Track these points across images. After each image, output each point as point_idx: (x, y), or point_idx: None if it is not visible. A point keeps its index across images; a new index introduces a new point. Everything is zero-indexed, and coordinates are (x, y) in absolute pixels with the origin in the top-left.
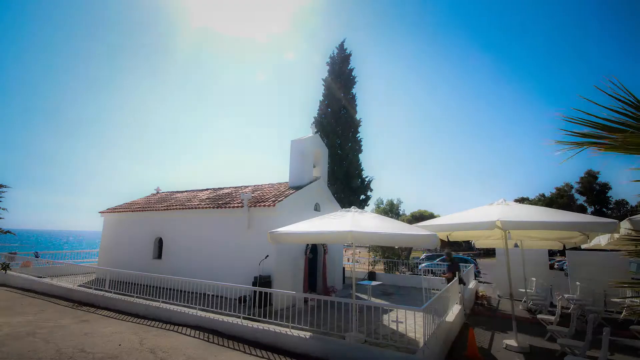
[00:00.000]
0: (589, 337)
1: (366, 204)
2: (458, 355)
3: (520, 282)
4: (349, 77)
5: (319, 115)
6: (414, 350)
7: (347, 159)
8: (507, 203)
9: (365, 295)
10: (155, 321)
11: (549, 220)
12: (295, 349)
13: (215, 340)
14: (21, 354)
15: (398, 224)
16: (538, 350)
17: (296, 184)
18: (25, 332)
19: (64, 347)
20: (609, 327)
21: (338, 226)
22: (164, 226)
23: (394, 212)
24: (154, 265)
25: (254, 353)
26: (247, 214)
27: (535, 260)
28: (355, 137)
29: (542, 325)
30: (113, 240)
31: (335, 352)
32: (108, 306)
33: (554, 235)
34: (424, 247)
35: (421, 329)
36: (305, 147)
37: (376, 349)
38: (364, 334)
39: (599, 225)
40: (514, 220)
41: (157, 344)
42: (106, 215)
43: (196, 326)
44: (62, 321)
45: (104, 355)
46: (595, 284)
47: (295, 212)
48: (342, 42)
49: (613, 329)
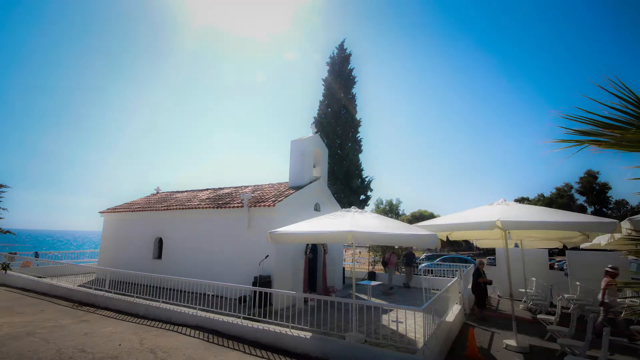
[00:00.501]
0: (589, 337)
1: (366, 204)
2: (458, 355)
3: (520, 282)
4: (349, 77)
5: (319, 115)
6: (414, 351)
7: (347, 159)
8: (507, 203)
9: (365, 295)
10: (155, 321)
11: (549, 220)
12: (295, 349)
13: (215, 340)
14: (21, 354)
15: (398, 224)
16: (538, 350)
17: (296, 184)
18: (25, 332)
19: (64, 347)
20: (609, 327)
21: (338, 226)
22: (164, 226)
23: (393, 212)
24: (154, 265)
25: (254, 353)
26: (247, 214)
27: (535, 260)
28: (355, 137)
29: (542, 325)
30: (113, 240)
31: (335, 352)
32: (108, 306)
33: (554, 235)
34: (424, 247)
35: (421, 329)
36: (305, 147)
37: (376, 349)
38: (364, 334)
39: (599, 225)
40: (514, 220)
41: (157, 344)
42: (106, 215)
43: (196, 326)
44: (62, 321)
45: (104, 355)
46: (595, 284)
47: (295, 212)
48: (342, 42)
49: (613, 329)
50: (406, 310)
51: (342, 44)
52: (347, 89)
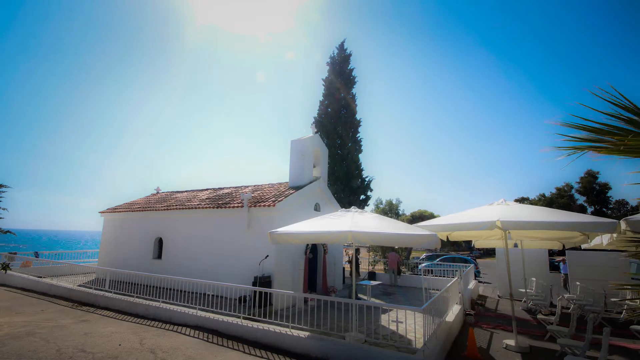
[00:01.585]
0: (589, 337)
1: (366, 204)
2: (458, 355)
3: (520, 282)
4: (349, 77)
5: (319, 115)
6: (414, 350)
7: (347, 159)
8: (507, 203)
9: (365, 295)
10: (155, 321)
11: (549, 220)
12: (295, 349)
13: (215, 340)
14: (21, 354)
15: (398, 224)
16: (538, 350)
17: (296, 184)
18: (25, 332)
19: (64, 347)
20: (609, 327)
21: (338, 226)
22: (164, 226)
23: (393, 212)
24: (154, 265)
25: (254, 353)
26: (247, 214)
27: (535, 260)
28: (355, 137)
29: (542, 325)
30: (113, 240)
31: (335, 352)
32: (108, 306)
33: (554, 235)
34: (424, 247)
35: (421, 329)
36: (305, 147)
37: (376, 349)
38: (364, 334)
39: (599, 225)
40: (514, 220)
41: (157, 343)
42: (106, 215)
43: (196, 326)
44: (62, 321)
45: (104, 355)
46: (595, 284)
47: (295, 212)
48: (342, 42)
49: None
50: (406, 310)
51: (343, 43)
52: (347, 88)
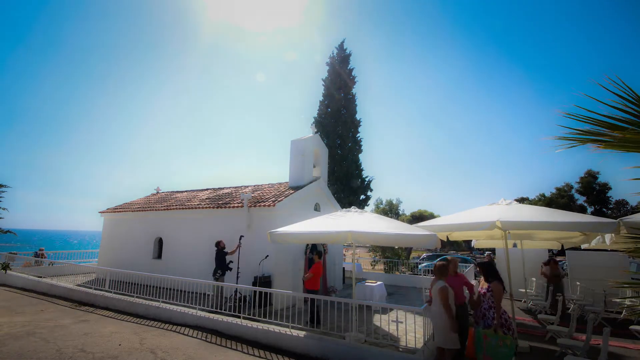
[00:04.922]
0: (589, 337)
1: (366, 204)
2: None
3: (520, 282)
4: (349, 77)
5: (319, 115)
6: (414, 351)
7: (347, 159)
8: (507, 203)
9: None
10: (155, 321)
11: (549, 220)
12: (295, 349)
13: (215, 340)
14: (21, 354)
15: (398, 224)
16: (538, 350)
17: (296, 184)
18: (25, 332)
19: (64, 347)
20: (609, 327)
21: (338, 226)
22: (164, 226)
23: (393, 212)
24: (154, 265)
25: (254, 353)
26: (247, 214)
27: (535, 260)
28: (355, 137)
29: (542, 325)
30: (113, 240)
31: (335, 351)
32: (108, 306)
33: (554, 235)
34: (424, 247)
35: (421, 329)
36: (305, 147)
37: (376, 349)
38: (364, 334)
39: (599, 225)
40: (514, 220)
41: (157, 343)
42: (106, 215)
43: (196, 326)
44: (62, 321)
45: (104, 355)
46: (595, 284)
47: (295, 212)
48: (342, 42)
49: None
50: (406, 311)
51: (342, 44)
52: (347, 89)
